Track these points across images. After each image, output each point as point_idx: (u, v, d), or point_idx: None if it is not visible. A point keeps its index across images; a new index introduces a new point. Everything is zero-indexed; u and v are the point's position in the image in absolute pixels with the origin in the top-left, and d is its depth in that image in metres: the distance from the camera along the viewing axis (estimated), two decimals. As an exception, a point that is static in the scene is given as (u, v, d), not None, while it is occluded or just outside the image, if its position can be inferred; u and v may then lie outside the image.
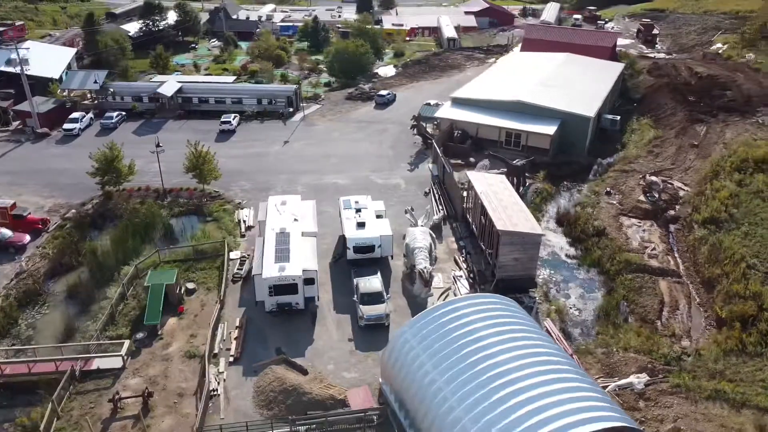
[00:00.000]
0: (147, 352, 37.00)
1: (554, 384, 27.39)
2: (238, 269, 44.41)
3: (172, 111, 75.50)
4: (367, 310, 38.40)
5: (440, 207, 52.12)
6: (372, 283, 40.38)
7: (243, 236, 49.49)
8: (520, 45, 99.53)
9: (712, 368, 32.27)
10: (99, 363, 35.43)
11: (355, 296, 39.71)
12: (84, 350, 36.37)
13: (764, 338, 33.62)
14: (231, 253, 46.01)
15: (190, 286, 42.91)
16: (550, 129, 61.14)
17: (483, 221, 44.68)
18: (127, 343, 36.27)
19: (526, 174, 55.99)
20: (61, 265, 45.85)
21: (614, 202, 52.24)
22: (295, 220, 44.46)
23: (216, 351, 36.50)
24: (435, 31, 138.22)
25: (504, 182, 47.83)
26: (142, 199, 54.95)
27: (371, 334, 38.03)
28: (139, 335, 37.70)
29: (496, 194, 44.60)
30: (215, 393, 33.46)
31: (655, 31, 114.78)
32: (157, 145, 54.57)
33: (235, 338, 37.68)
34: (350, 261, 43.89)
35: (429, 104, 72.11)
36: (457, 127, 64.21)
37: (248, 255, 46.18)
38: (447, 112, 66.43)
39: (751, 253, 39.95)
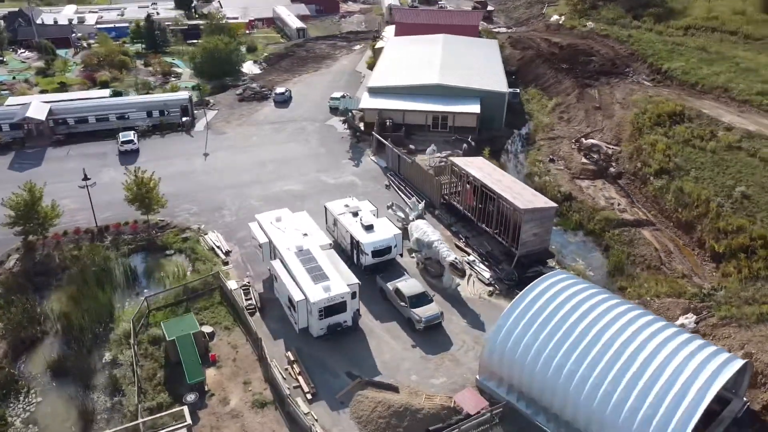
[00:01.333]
0: (206, 413, 31.95)
1: (673, 340, 29.47)
2: (247, 300, 39.97)
3: (46, 137, 64.05)
4: (423, 312, 37.20)
5: (410, 198, 51.76)
6: (414, 284, 39.20)
7: (226, 263, 44.50)
8: (388, 30, 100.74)
9: (744, 296, 37.11)
10: (162, 441, 29.82)
11: (402, 302, 38.20)
12: (133, 432, 30.29)
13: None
14: (228, 284, 41.22)
15: (207, 329, 37.69)
16: (475, 108, 63.65)
17: (482, 204, 45.52)
18: (185, 409, 30.90)
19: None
20: (22, 341, 37.14)
21: (562, 168, 56.51)
22: (305, 234, 41.17)
23: (286, 392, 32.78)
24: (272, 22, 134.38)
25: (487, 163, 49.06)
26: (75, 244, 46.45)
27: (430, 336, 36.94)
28: (190, 397, 32.33)
29: (491, 176, 45.63)
30: (319, 437, 30.24)
31: (490, 8, 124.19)
32: (85, 178, 46.37)
33: (298, 374, 34.18)
34: (367, 267, 41.98)
35: (344, 96, 70.68)
36: (385, 116, 63.86)
37: (248, 282, 41.78)
38: (370, 102, 65.56)
39: (712, 194, 46.26)
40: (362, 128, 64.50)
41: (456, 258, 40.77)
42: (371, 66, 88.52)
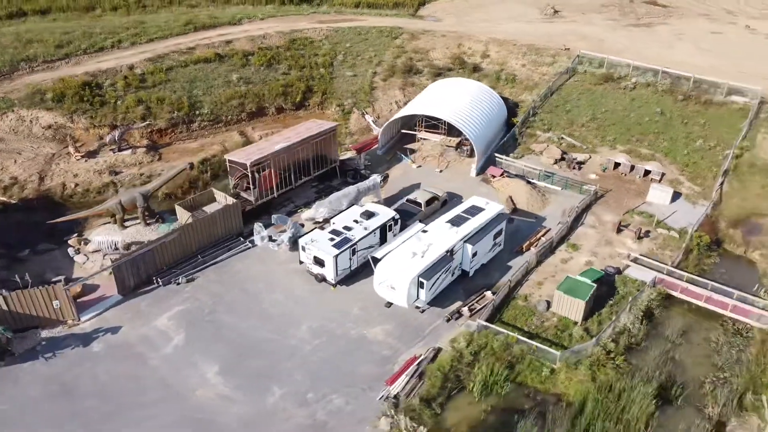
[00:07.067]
0: (607, 265, 41.64)
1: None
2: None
3: None
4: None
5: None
6: (420, 193, 46.79)
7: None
8: None
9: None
10: None
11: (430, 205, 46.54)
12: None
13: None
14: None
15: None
16: None
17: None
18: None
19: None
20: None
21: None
22: (424, 231, 38.77)
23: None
24: None
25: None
26: None
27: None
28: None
29: (271, 145, 46.75)
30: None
31: None
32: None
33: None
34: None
35: None
36: None
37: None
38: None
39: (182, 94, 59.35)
40: None
41: (372, 177, 47.98)
42: None
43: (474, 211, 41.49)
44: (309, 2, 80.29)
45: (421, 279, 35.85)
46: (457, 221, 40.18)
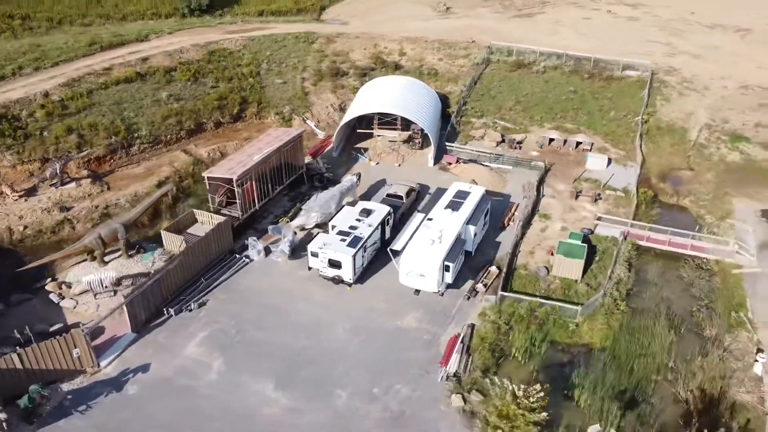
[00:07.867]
0: (579, 228, 46.33)
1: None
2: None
3: None
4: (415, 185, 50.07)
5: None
6: (397, 186, 48.23)
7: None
8: None
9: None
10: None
11: (409, 195, 48.34)
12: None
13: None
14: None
15: (542, 268, 41.64)
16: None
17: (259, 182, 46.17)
18: (595, 220, 45.51)
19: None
20: None
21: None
22: (429, 219, 40.52)
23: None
24: None
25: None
26: None
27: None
28: (587, 230, 44.95)
29: (248, 159, 45.31)
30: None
31: None
32: None
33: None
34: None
35: None
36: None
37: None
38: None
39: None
40: None
41: (348, 177, 48.77)
42: None
43: (463, 195, 44.11)
44: (210, 13, 77.76)
45: (446, 263, 37.82)
46: (454, 206, 42.53)
